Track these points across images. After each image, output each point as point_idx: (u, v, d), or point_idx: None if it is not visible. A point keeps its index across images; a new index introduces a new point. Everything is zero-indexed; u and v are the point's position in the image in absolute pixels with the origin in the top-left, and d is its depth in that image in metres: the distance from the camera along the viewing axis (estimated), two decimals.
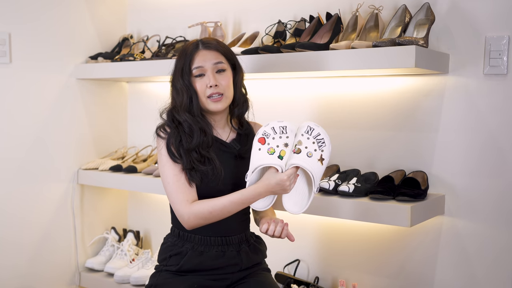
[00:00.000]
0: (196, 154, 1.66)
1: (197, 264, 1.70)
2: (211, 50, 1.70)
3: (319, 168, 1.58)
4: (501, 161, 1.88)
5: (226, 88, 1.70)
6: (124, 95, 2.94)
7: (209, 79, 1.67)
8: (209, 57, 1.69)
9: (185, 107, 1.68)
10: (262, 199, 1.62)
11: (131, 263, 2.63)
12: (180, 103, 1.69)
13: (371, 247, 2.17)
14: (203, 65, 1.68)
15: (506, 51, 1.86)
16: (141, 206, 2.91)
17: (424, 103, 2.02)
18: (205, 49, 1.70)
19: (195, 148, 1.66)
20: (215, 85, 1.67)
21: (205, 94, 1.68)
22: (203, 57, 1.69)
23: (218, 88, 1.68)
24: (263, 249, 1.83)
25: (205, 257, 1.70)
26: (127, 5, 2.93)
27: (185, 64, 1.69)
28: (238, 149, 1.75)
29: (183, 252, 1.71)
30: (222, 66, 1.70)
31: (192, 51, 1.70)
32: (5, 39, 2.42)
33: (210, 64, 1.68)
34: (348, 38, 2.06)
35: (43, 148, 2.58)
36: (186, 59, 1.69)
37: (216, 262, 1.70)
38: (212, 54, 1.70)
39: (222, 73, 1.70)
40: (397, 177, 2.00)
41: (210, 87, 1.67)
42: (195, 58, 1.69)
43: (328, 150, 1.63)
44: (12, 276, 2.49)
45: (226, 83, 1.70)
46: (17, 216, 2.51)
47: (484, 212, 1.92)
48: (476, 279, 1.95)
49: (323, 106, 2.27)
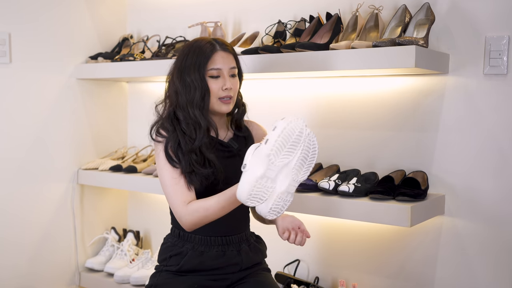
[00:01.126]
0: (196, 156, 1.65)
1: (197, 264, 1.69)
2: (229, 53, 1.71)
3: (258, 148, 1.44)
4: (501, 161, 1.88)
5: (235, 93, 1.73)
6: (124, 95, 2.94)
7: (225, 82, 1.68)
8: (227, 61, 1.69)
9: (197, 104, 1.66)
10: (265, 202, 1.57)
11: (131, 263, 2.63)
12: (191, 99, 1.66)
13: (371, 247, 2.17)
14: (221, 67, 1.68)
15: (506, 51, 1.86)
16: (141, 206, 2.91)
17: (424, 103, 2.02)
18: (223, 51, 1.70)
19: (195, 150, 1.65)
20: (230, 88, 1.69)
21: (217, 95, 1.68)
22: (222, 59, 1.68)
23: (230, 91, 1.69)
24: (263, 248, 1.83)
25: (205, 257, 1.70)
26: (127, 5, 2.93)
27: (202, 62, 1.67)
28: (236, 148, 1.75)
29: (183, 252, 1.71)
30: (235, 71, 1.72)
31: (211, 50, 1.68)
32: (5, 39, 2.42)
33: (228, 68, 1.69)
34: (348, 38, 2.06)
35: (43, 148, 2.58)
36: (203, 57, 1.67)
37: (216, 262, 1.70)
38: (229, 57, 1.71)
39: (234, 78, 1.72)
40: (397, 177, 2.00)
41: (225, 89, 1.68)
42: (214, 59, 1.67)
43: (276, 133, 1.44)
44: (12, 276, 2.49)
45: (236, 87, 1.73)
46: (17, 216, 2.51)
47: (484, 212, 1.92)
48: (476, 279, 1.95)
49: (323, 106, 2.27)
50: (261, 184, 1.42)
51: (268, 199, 1.44)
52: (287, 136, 1.42)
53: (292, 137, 1.42)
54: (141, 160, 2.72)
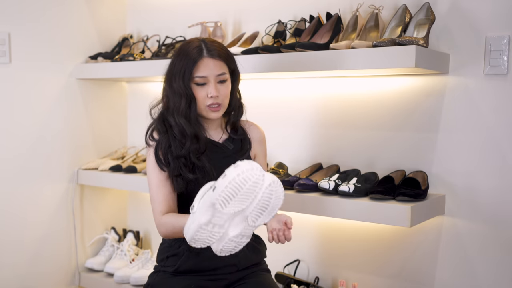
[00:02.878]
0: (185, 160, 1.65)
1: (193, 265, 1.69)
2: (215, 59, 1.66)
3: (207, 193, 1.43)
4: (501, 161, 1.88)
5: (224, 98, 1.69)
6: (124, 95, 2.94)
7: (211, 90, 1.65)
8: (213, 67, 1.66)
9: (182, 112, 1.66)
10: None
11: (131, 263, 2.63)
12: (177, 107, 1.66)
13: (371, 247, 2.17)
14: (207, 75, 1.65)
15: (507, 51, 1.85)
16: (141, 206, 2.91)
17: (424, 103, 2.02)
18: (210, 57, 1.66)
19: (184, 155, 1.65)
20: (216, 95, 1.66)
21: (204, 103, 1.67)
22: (207, 67, 1.65)
23: (218, 99, 1.67)
24: (263, 249, 1.82)
25: (201, 258, 1.69)
26: (127, 5, 2.93)
27: (187, 68, 1.65)
28: (231, 148, 1.74)
29: (180, 253, 1.71)
30: (224, 77, 1.68)
31: (197, 57, 1.65)
32: (5, 39, 2.42)
33: (214, 75, 1.66)
34: (348, 38, 2.06)
35: (43, 148, 2.58)
36: (188, 63, 1.65)
37: (213, 263, 1.69)
38: (216, 64, 1.66)
39: (223, 84, 1.69)
40: (397, 177, 2.00)
41: (211, 97, 1.66)
42: (199, 66, 1.65)
43: (224, 182, 1.38)
44: (12, 276, 2.49)
45: (225, 93, 1.69)
46: (17, 216, 2.51)
47: (484, 212, 1.92)
48: (476, 279, 1.94)
49: (323, 106, 2.27)
50: (206, 230, 1.40)
51: (217, 241, 1.43)
52: (237, 186, 1.36)
53: (244, 187, 1.36)
54: (141, 160, 2.72)
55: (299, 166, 2.30)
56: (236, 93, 1.76)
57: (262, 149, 1.84)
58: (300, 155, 2.32)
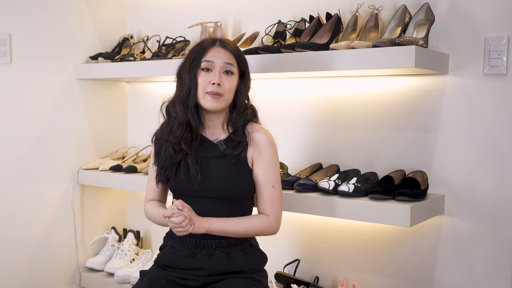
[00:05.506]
0: (172, 149, 1.69)
1: (169, 260, 1.74)
2: (226, 50, 1.70)
3: None
4: (501, 161, 1.89)
5: (228, 91, 1.69)
6: (124, 95, 2.94)
7: (214, 76, 1.66)
8: (222, 55, 1.68)
9: (181, 100, 1.69)
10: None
11: (131, 263, 2.63)
12: (179, 94, 1.71)
13: (371, 247, 2.17)
14: (213, 60, 1.67)
15: (506, 51, 1.86)
16: (141, 206, 2.89)
17: (424, 103, 2.03)
18: (221, 47, 1.70)
19: (174, 142, 1.69)
20: (218, 84, 1.66)
21: (205, 89, 1.67)
22: (216, 53, 1.68)
23: (219, 88, 1.67)
24: (251, 260, 1.73)
25: (177, 255, 1.73)
26: (127, 5, 2.93)
27: (197, 55, 1.69)
28: (223, 149, 1.71)
29: (166, 247, 1.79)
30: (231, 68, 1.69)
31: (208, 45, 1.70)
32: (5, 39, 2.42)
33: (221, 62, 1.67)
34: (348, 38, 2.06)
35: (43, 148, 2.59)
36: (199, 51, 1.70)
37: (185, 263, 1.71)
38: (225, 53, 1.69)
39: (229, 75, 1.69)
40: (397, 177, 2.00)
41: (213, 84, 1.66)
42: (208, 52, 1.69)
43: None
44: (12, 276, 2.49)
45: (230, 86, 1.69)
46: (18, 216, 2.51)
47: (484, 212, 1.92)
48: (476, 279, 1.95)
49: (323, 106, 2.27)
50: None
51: None
52: None
53: None
54: (141, 160, 2.72)
55: (299, 166, 2.30)
56: (244, 96, 1.76)
57: (265, 155, 1.72)
58: (300, 155, 2.32)
